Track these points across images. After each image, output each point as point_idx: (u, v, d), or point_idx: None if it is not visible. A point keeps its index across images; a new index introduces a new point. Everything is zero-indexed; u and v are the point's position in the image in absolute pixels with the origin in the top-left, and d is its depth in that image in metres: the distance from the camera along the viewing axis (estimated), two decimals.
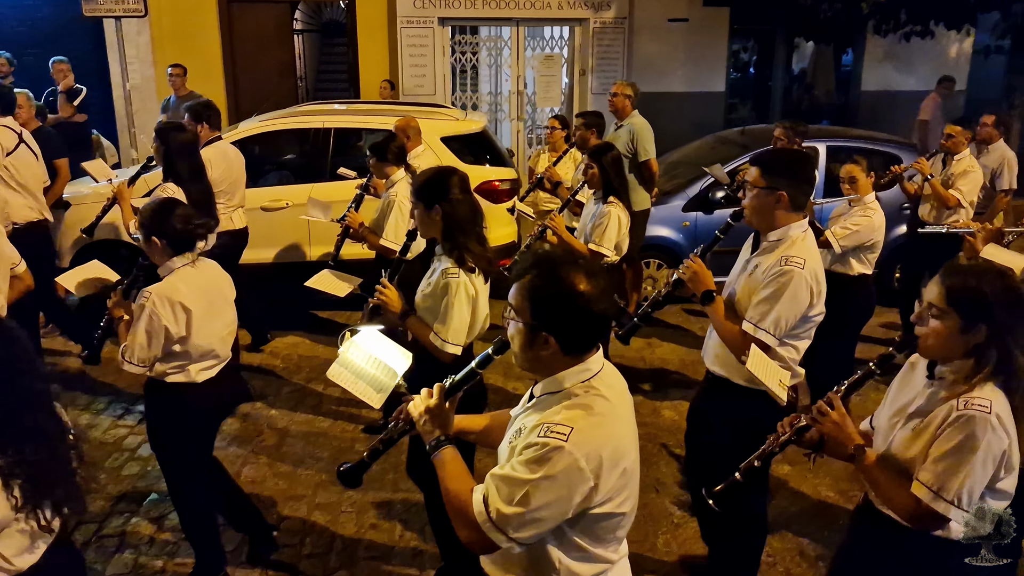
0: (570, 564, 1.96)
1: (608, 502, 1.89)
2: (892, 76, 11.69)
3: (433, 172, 3.33)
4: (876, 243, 4.86)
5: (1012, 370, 2.08)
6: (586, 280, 1.87)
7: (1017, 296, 2.09)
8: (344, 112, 7.39)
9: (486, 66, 11.90)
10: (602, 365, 1.98)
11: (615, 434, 1.91)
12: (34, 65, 9.06)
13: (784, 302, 2.88)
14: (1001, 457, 2.08)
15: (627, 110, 7.02)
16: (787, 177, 2.97)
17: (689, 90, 11.35)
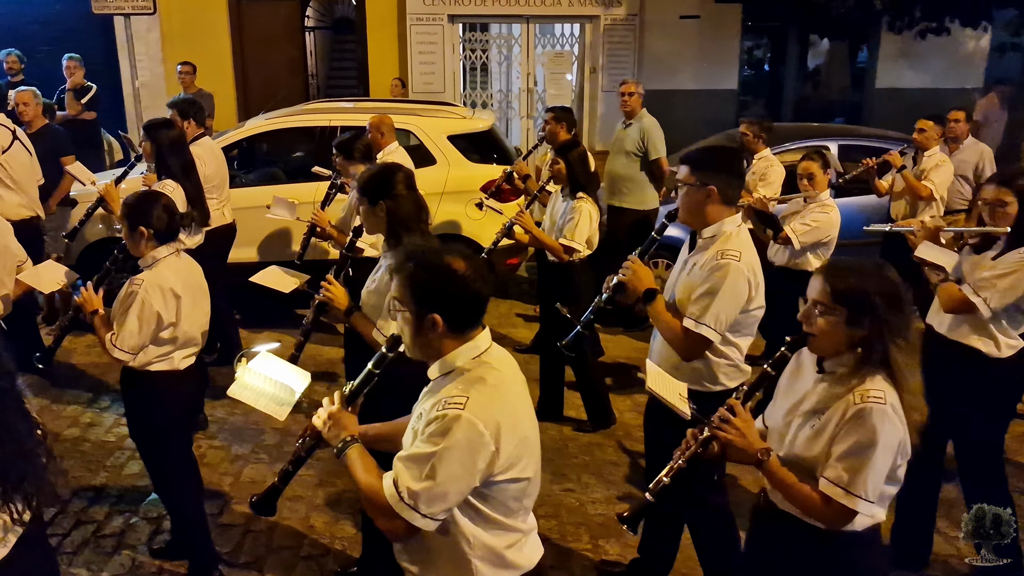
0: (484, 538, 2.03)
1: (511, 468, 1.97)
2: (907, 74, 11.54)
3: (377, 169, 3.38)
4: (832, 239, 4.88)
5: (890, 362, 2.15)
6: (461, 261, 2.02)
7: (895, 291, 2.16)
8: (351, 110, 7.36)
9: (496, 64, 11.86)
10: (490, 343, 2.08)
11: (510, 403, 2.01)
12: (46, 62, 9.09)
13: (723, 295, 2.90)
14: (898, 446, 2.14)
15: (638, 109, 6.98)
16: (716, 172, 3.00)
17: (700, 87, 11.26)
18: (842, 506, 2.13)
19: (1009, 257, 3.36)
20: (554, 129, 6.02)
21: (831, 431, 2.15)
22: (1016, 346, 3.47)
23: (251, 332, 6.49)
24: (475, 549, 2.03)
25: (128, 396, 3.53)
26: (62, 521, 4.08)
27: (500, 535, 2.05)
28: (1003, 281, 3.33)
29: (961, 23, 9.85)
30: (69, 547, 3.90)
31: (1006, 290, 3.32)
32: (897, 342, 2.14)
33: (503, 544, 2.06)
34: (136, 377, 3.37)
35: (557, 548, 3.93)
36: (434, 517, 1.93)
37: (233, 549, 3.92)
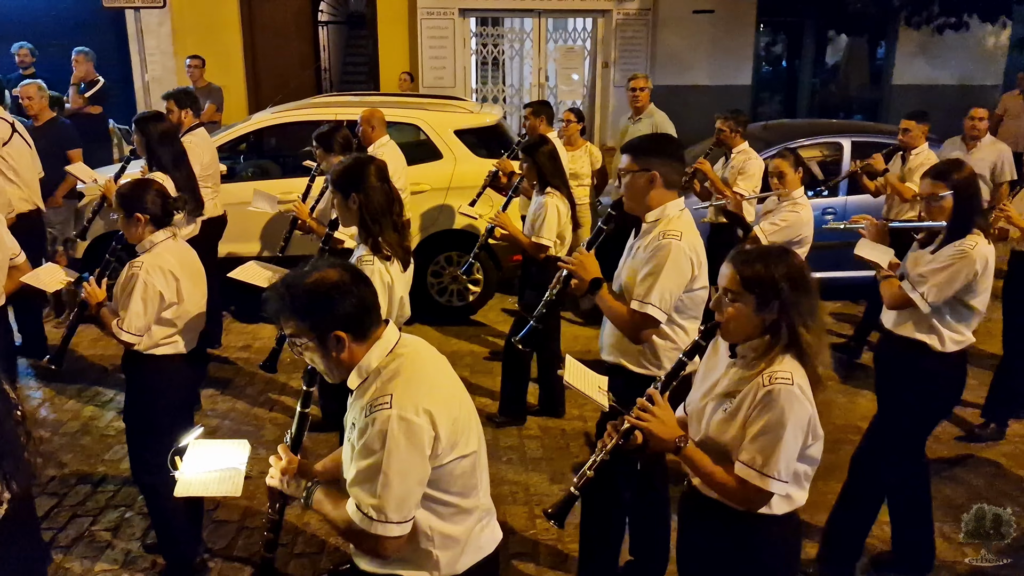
0: (442, 528, 2.02)
1: (454, 447, 1.96)
2: (925, 70, 11.36)
3: (350, 162, 3.40)
4: (804, 238, 4.74)
5: (800, 344, 2.17)
6: (331, 271, 1.98)
7: (801, 274, 2.18)
8: (357, 104, 7.30)
9: (508, 59, 11.79)
10: (399, 334, 2.06)
11: (433, 386, 1.99)
12: (57, 56, 9.11)
13: (666, 274, 2.93)
14: (808, 424, 2.16)
15: (647, 104, 6.91)
16: (657, 156, 3.04)
17: (714, 83, 11.13)
18: (757, 488, 2.15)
19: (945, 251, 3.36)
20: (533, 124, 5.96)
21: (743, 414, 2.17)
22: (961, 341, 3.45)
23: (245, 325, 6.59)
24: (434, 539, 2.01)
25: (132, 379, 3.54)
26: (57, 515, 4.07)
27: (458, 520, 2.04)
28: (939, 275, 3.33)
29: (980, 18, 9.71)
30: (64, 541, 3.89)
31: (942, 284, 3.33)
32: (806, 323, 2.16)
33: (462, 529, 2.05)
34: (141, 360, 3.39)
35: (555, 550, 3.87)
36: (407, 519, 1.92)
37: (227, 545, 3.88)
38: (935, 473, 4.10)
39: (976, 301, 3.40)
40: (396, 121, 7.29)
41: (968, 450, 4.82)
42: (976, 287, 3.35)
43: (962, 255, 3.30)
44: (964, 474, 4.57)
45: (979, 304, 3.41)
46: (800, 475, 2.23)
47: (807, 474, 2.26)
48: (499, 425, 5.06)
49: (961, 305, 3.39)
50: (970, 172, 3.43)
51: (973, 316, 3.44)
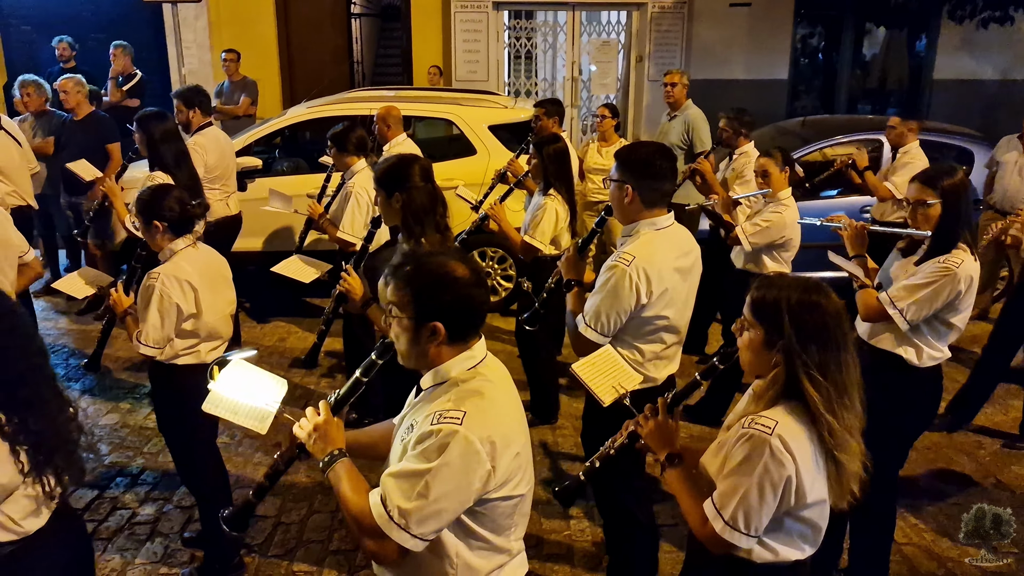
0: (467, 557, 1.94)
1: (505, 485, 1.88)
2: (967, 64, 11.11)
3: (395, 160, 3.37)
4: (789, 241, 4.58)
5: (803, 396, 1.95)
6: (461, 266, 1.91)
7: (815, 315, 1.96)
8: (392, 99, 7.31)
9: (541, 52, 11.72)
10: (486, 353, 2.00)
11: (506, 418, 1.91)
12: (97, 50, 9.22)
13: (605, 298, 2.89)
14: (784, 483, 1.93)
15: (682, 100, 6.82)
16: (633, 173, 2.94)
17: (750, 78, 10.97)
18: (714, 531, 2.01)
19: (927, 267, 3.17)
20: (545, 124, 5.87)
21: (724, 451, 2.03)
22: (938, 357, 3.30)
23: (258, 325, 6.59)
24: (457, 568, 1.94)
25: (157, 390, 3.55)
26: (99, 507, 4.14)
27: (485, 555, 1.96)
28: (920, 292, 3.13)
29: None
30: (104, 533, 3.94)
31: (923, 302, 3.13)
32: (812, 375, 1.93)
33: (487, 566, 1.97)
34: (165, 371, 3.38)
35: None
36: (424, 537, 1.83)
37: (264, 541, 3.92)
38: None
39: (957, 319, 3.21)
40: (430, 116, 7.31)
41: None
42: (959, 305, 3.17)
43: (946, 272, 3.10)
44: None
45: (959, 322, 3.23)
46: (791, 532, 2.05)
47: (803, 534, 2.06)
48: (530, 424, 5.03)
49: (940, 323, 3.22)
50: (961, 179, 3.20)
51: (951, 332, 3.27)
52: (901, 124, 5.87)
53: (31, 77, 6.67)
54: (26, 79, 6.64)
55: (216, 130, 5.73)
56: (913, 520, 4.16)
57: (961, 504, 4.18)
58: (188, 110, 5.48)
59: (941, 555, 3.88)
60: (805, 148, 6.99)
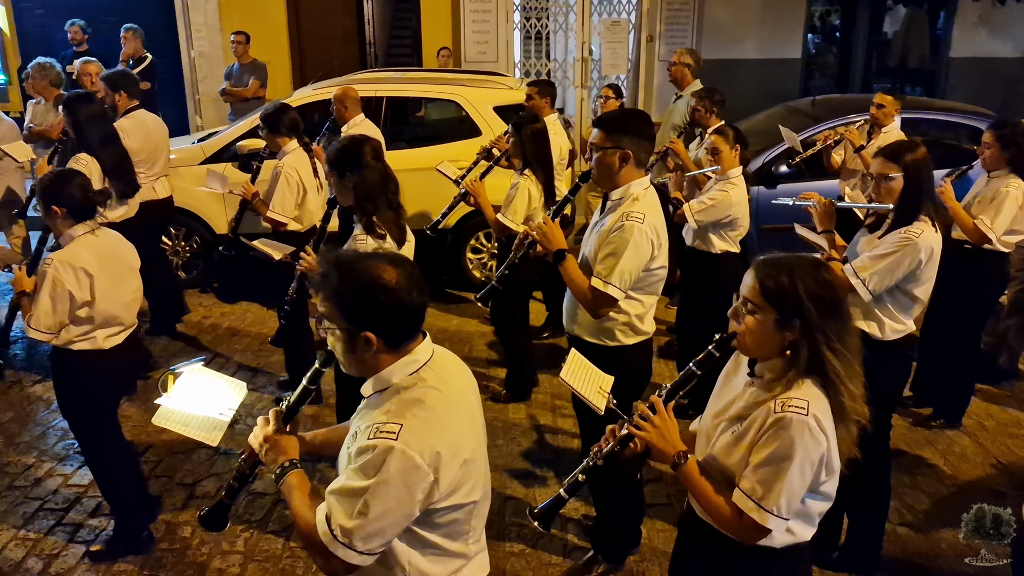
0: (421, 564, 1.91)
1: (453, 494, 1.85)
2: (986, 42, 10.92)
3: (346, 141, 3.44)
4: (736, 220, 4.62)
5: (824, 369, 1.97)
6: (390, 270, 1.84)
7: (828, 290, 1.99)
8: (397, 80, 7.32)
9: (552, 32, 11.63)
10: (431, 353, 1.94)
11: (450, 425, 1.85)
12: (109, 33, 9.26)
13: (627, 255, 2.98)
14: (820, 461, 1.97)
15: (687, 80, 6.78)
16: (630, 135, 3.04)
17: (763, 57, 10.85)
18: (753, 521, 1.99)
19: (889, 238, 3.24)
20: (538, 103, 5.83)
21: (750, 439, 2.00)
22: (902, 330, 3.35)
23: (230, 304, 6.71)
24: (409, 574, 1.91)
25: (54, 374, 3.55)
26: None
27: (440, 561, 1.93)
28: (881, 263, 3.20)
29: None
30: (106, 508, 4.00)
31: (884, 272, 3.20)
32: (833, 347, 1.96)
33: (441, 572, 1.94)
34: (61, 355, 3.41)
35: None
36: (371, 552, 1.80)
37: (263, 517, 3.98)
38: None
39: (919, 290, 3.28)
40: (435, 97, 7.32)
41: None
42: (920, 276, 3.24)
43: (907, 242, 3.17)
44: None
45: (922, 294, 3.29)
46: (811, 510, 2.07)
47: (820, 509, 2.09)
48: (505, 401, 5.11)
49: (903, 294, 3.27)
50: (924, 155, 3.27)
51: (915, 305, 3.32)
52: (891, 104, 5.85)
53: (38, 61, 6.72)
54: (35, 63, 6.69)
55: (144, 114, 5.73)
56: (909, 501, 4.16)
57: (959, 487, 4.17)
58: (114, 93, 5.52)
59: (935, 536, 3.88)
60: (815, 127, 6.91)
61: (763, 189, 6.77)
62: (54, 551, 3.76)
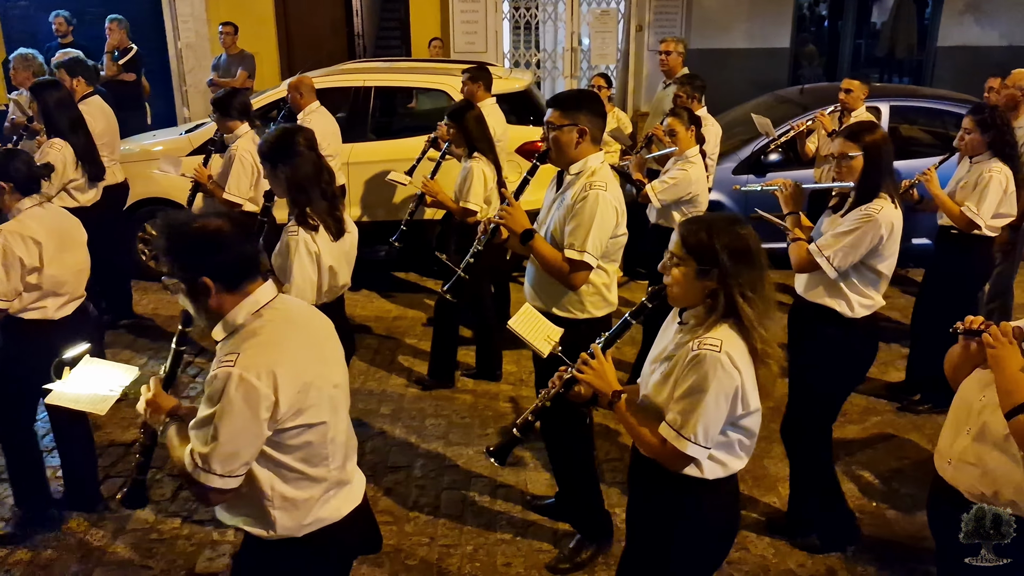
0: (283, 489, 2.06)
1: (299, 414, 2.01)
2: (973, 31, 10.94)
3: (278, 132, 3.44)
4: (695, 197, 4.79)
5: (739, 314, 2.19)
6: (215, 220, 2.03)
7: (742, 242, 2.20)
8: (385, 70, 7.29)
9: (542, 22, 11.62)
10: (273, 295, 2.10)
11: (288, 351, 2.02)
12: (94, 24, 9.18)
13: (597, 223, 3.08)
14: (735, 394, 2.19)
15: (678, 68, 6.79)
16: (585, 112, 3.15)
17: (752, 46, 10.85)
18: (673, 447, 2.21)
19: (851, 215, 3.34)
20: (471, 89, 5.84)
21: (674, 376, 2.23)
22: (870, 305, 3.43)
23: None
24: (273, 500, 2.06)
25: (4, 339, 3.64)
26: None
27: (302, 485, 2.09)
28: (844, 239, 3.30)
29: None
30: None
31: (848, 248, 3.30)
32: (745, 294, 2.18)
33: (304, 495, 2.09)
34: (12, 323, 3.52)
35: None
36: (232, 475, 1.97)
37: None
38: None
39: (883, 266, 3.37)
40: (425, 87, 7.29)
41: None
42: (883, 251, 3.33)
43: (867, 218, 3.28)
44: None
45: (886, 269, 3.39)
46: (734, 443, 2.29)
47: (742, 443, 2.30)
48: (427, 388, 5.12)
49: (868, 270, 3.36)
50: (882, 136, 3.39)
51: (880, 281, 3.42)
52: (859, 88, 5.95)
53: (20, 52, 6.66)
54: (17, 54, 6.64)
55: (98, 100, 5.77)
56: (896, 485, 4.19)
57: None
58: (71, 79, 5.56)
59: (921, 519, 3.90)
60: (802, 116, 6.92)
61: (753, 177, 6.79)
62: None
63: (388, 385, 5.22)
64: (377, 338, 5.89)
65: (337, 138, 6.08)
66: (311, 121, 5.80)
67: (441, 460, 4.38)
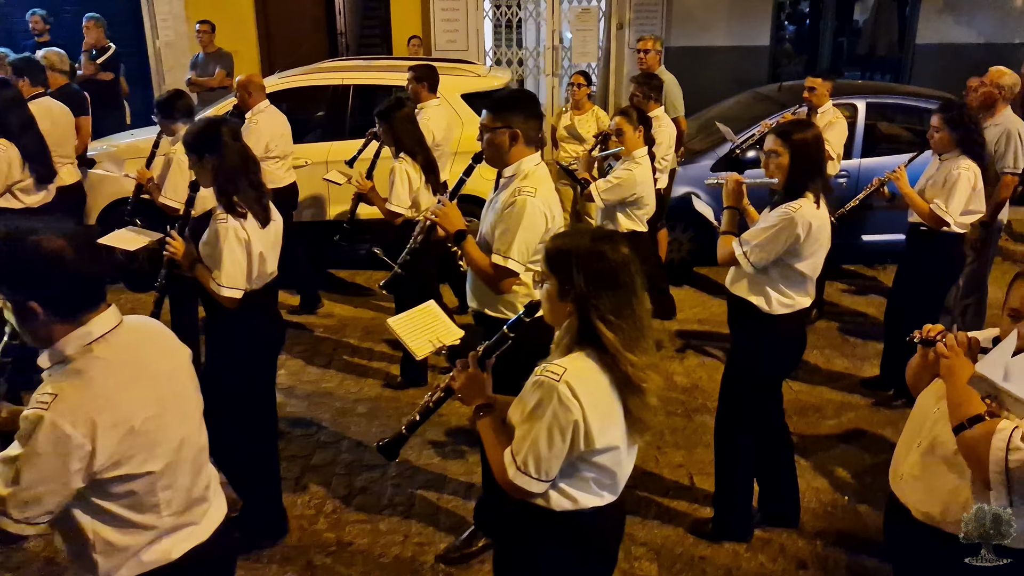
0: (106, 535, 1.92)
1: (121, 464, 1.85)
2: (951, 29, 11.01)
3: (203, 123, 3.45)
4: (641, 199, 4.73)
5: (598, 341, 2.01)
6: (55, 239, 1.83)
7: (602, 262, 2.02)
8: (365, 68, 7.28)
9: (524, 20, 11.62)
10: (114, 324, 1.93)
11: (117, 395, 1.85)
12: (71, 23, 9.12)
13: (523, 229, 3.04)
14: (572, 429, 1.99)
15: (656, 66, 6.82)
16: (518, 114, 3.13)
17: (732, 44, 10.89)
18: (505, 475, 2.09)
19: (773, 213, 3.35)
20: (416, 89, 5.78)
21: (522, 402, 2.09)
22: (791, 304, 3.43)
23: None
24: (95, 544, 1.92)
25: None
26: None
27: (128, 533, 1.94)
28: (761, 236, 3.32)
29: None
30: None
31: (763, 245, 3.31)
32: (607, 318, 2.00)
33: (131, 542, 1.95)
34: None
35: None
36: (30, 521, 1.81)
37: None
38: None
39: (803, 266, 3.36)
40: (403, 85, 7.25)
41: None
42: (800, 251, 3.32)
43: (785, 217, 3.27)
44: None
45: (806, 269, 3.38)
46: (588, 480, 2.11)
47: (599, 481, 2.12)
48: (399, 387, 5.13)
49: (789, 269, 3.37)
50: (813, 135, 3.37)
51: (805, 281, 3.42)
52: (822, 85, 5.99)
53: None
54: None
55: (50, 100, 5.68)
56: (868, 481, 4.22)
57: None
58: (18, 79, 5.49)
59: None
60: (780, 113, 6.96)
61: (725, 174, 6.81)
62: None
63: (365, 385, 5.21)
64: (356, 338, 5.88)
65: (286, 139, 5.95)
66: (259, 121, 5.74)
67: (416, 459, 4.38)
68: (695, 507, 3.98)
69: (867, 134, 7.13)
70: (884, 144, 7.38)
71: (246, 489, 3.66)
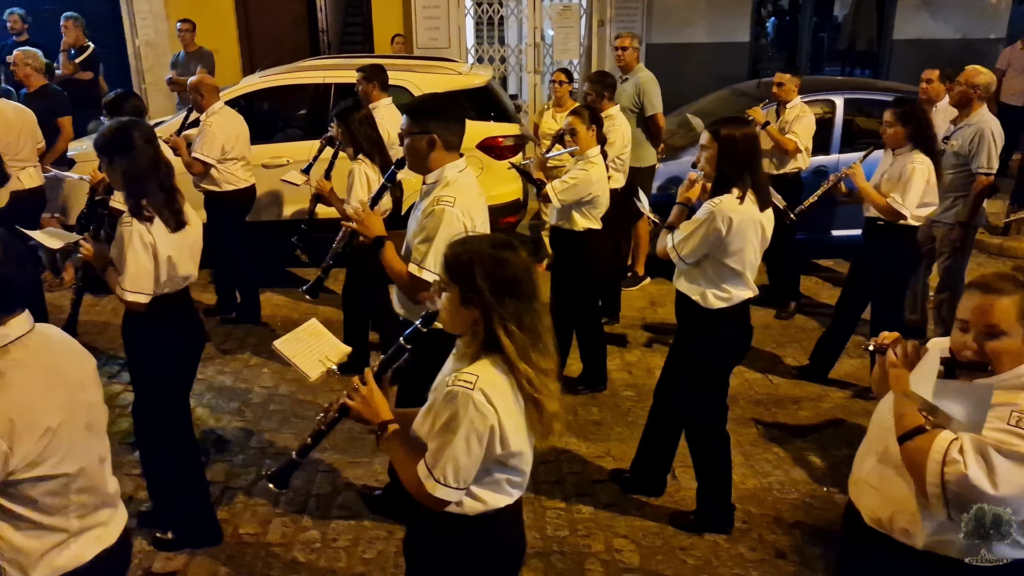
0: (13, 538, 1.92)
1: (36, 465, 1.87)
2: (928, 24, 11.13)
3: (115, 125, 3.40)
4: (597, 198, 4.76)
5: (501, 348, 2.02)
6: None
7: (506, 270, 2.02)
8: (346, 66, 7.27)
9: (506, 18, 11.64)
10: (27, 329, 1.96)
11: (34, 396, 1.88)
12: (51, 22, 9.06)
13: (439, 239, 2.99)
14: (490, 434, 2.01)
15: (634, 63, 6.84)
16: (435, 119, 3.10)
17: (712, 40, 10.96)
18: (423, 487, 2.05)
19: (701, 208, 3.41)
20: (366, 89, 5.77)
21: (433, 411, 2.06)
22: (727, 298, 3.48)
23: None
24: (2, 550, 1.92)
25: None
26: None
27: (35, 536, 1.94)
28: (688, 229, 3.40)
29: None
30: None
31: (688, 239, 3.39)
32: (508, 327, 2.00)
33: (38, 546, 1.95)
34: None
35: None
36: None
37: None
38: None
39: (730, 260, 3.40)
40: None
41: None
42: (726, 246, 3.36)
43: (707, 212, 3.33)
44: None
45: (734, 263, 3.41)
46: (500, 481, 2.13)
47: (511, 480, 2.15)
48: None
49: (719, 264, 3.42)
50: (743, 132, 3.38)
51: (736, 277, 3.45)
52: (790, 80, 6.16)
53: None
54: None
55: (4, 103, 5.65)
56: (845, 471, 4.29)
57: None
58: None
59: None
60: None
61: None
62: None
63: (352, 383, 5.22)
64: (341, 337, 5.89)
65: (243, 140, 5.85)
66: (213, 123, 5.65)
67: None
68: (676, 499, 4.04)
69: (845, 129, 7.23)
70: (862, 139, 7.46)
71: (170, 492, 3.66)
